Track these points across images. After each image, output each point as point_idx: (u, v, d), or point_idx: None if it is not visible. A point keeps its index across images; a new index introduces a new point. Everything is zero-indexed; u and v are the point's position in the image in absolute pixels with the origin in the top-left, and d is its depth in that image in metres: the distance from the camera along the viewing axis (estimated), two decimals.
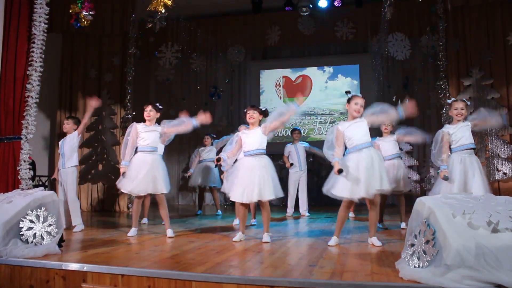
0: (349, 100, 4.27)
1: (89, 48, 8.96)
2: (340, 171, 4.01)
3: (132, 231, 4.99)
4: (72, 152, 5.64)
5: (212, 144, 7.95)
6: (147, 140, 4.95)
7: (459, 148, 4.53)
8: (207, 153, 7.87)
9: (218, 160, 4.60)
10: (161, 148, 5.75)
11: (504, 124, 5.48)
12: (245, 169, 4.47)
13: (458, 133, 4.54)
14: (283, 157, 7.62)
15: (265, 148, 4.59)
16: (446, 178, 4.36)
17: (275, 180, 4.49)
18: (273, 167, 4.58)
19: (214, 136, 8.23)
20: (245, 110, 4.71)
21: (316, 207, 8.46)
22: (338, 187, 4.09)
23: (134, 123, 5.07)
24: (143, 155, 4.93)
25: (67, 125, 5.79)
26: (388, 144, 5.58)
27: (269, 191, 4.41)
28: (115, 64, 8.81)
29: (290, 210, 7.58)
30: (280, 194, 4.50)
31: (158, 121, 5.16)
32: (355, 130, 4.16)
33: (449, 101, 4.84)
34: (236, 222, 6.05)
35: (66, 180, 5.54)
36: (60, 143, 5.82)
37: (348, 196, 4.07)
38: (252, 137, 4.56)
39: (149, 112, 5.06)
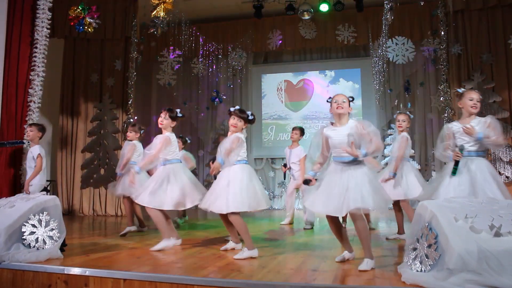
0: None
1: (91, 52, 8.99)
2: None
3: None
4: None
5: None
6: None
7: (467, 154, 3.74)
8: None
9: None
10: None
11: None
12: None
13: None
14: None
15: (239, 159, 4.03)
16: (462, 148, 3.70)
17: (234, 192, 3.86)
18: (241, 177, 3.95)
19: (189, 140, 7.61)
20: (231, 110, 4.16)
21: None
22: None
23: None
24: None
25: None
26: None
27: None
28: (117, 68, 8.83)
29: (304, 218, 6.33)
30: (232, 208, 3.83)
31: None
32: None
33: (460, 91, 4.02)
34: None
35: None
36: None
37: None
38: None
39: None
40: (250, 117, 4.15)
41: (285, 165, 6.59)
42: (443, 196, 3.61)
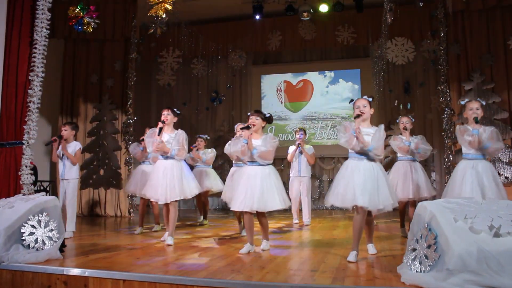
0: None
1: (91, 53, 8.99)
2: None
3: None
4: None
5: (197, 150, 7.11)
6: None
7: (472, 155, 4.16)
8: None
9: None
10: None
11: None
12: (246, 177, 4.21)
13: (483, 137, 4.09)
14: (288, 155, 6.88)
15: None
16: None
17: (279, 190, 4.21)
18: (278, 176, 4.31)
19: (208, 137, 7.56)
20: (248, 114, 4.47)
21: (317, 212, 8.44)
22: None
23: None
24: None
25: None
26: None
27: (271, 201, 4.13)
28: (116, 69, 8.83)
29: (294, 219, 6.90)
30: (283, 205, 4.19)
31: None
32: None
33: (462, 103, 4.47)
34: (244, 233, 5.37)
35: None
36: None
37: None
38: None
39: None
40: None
41: (299, 145, 6.75)
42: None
